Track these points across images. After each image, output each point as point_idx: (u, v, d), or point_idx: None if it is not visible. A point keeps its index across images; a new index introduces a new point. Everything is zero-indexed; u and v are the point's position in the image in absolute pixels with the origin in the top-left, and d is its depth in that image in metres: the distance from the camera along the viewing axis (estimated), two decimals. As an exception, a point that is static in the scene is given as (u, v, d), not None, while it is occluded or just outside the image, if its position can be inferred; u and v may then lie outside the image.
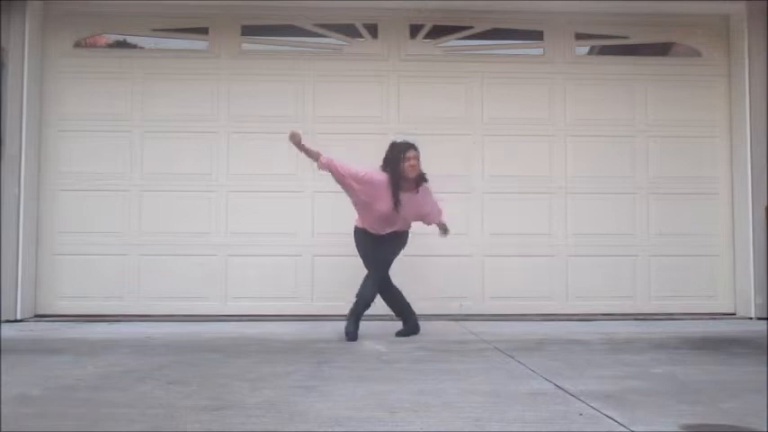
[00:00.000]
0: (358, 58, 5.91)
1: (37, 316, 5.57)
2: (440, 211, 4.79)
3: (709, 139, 5.98)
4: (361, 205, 4.58)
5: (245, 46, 5.94)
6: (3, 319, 5.24)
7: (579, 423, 2.38)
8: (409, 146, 4.56)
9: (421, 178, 4.58)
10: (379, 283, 4.60)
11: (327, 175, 4.52)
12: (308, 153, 4.50)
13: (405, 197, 4.51)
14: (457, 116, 5.88)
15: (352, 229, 4.65)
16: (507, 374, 3.27)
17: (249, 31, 5.96)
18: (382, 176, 4.51)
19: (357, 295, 4.56)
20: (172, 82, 5.79)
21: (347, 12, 5.88)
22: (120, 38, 6.06)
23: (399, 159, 4.51)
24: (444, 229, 4.83)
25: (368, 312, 4.59)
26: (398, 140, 4.64)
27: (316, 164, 4.51)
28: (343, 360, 3.68)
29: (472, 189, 5.85)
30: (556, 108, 5.94)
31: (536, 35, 6.03)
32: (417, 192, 4.57)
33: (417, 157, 4.54)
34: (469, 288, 5.79)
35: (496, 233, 5.84)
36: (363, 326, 4.55)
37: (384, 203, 4.49)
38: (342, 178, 4.49)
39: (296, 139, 4.45)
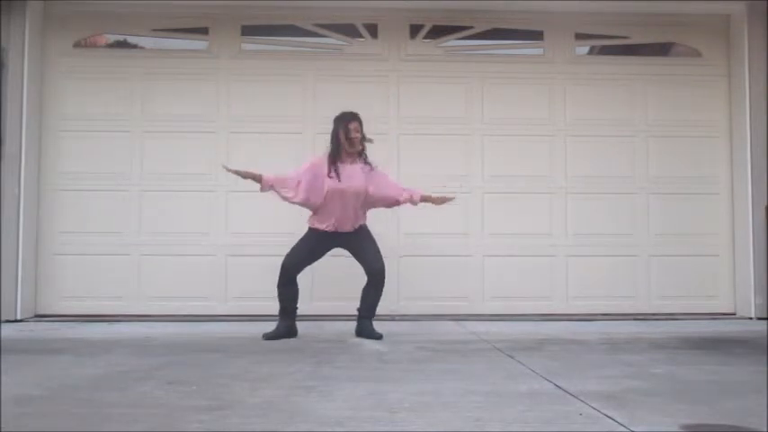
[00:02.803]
0: (358, 58, 5.91)
1: (37, 316, 5.57)
2: (403, 189, 4.53)
3: (709, 139, 5.98)
4: (319, 206, 4.42)
5: (245, 46, 5.94)
6: (3, 319, 5.25)
7: (579, 423, 2.38)
8: (353, 116, 4.41)
9: (364, 155, 4.44)
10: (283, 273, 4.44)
11: None
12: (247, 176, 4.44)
13: (347, 169, 4.37)
14: (457, 116, 5.88)
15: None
16: (507, 374, 3.27)
17: (249, 31, 5.96)
18: (321, 157, 4.43)
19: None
20: (172, 82, 5.79)
21: (347, 12, 5.88)
22: (120, 38, 6.05)
23: (340, 130, 4.39)
24: (436, 200, 4.54)
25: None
26: (344, 111, 4.52)
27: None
28: (343, 360, 3.68)
29: (472, 189, 5.85)
30: (556, 108, 5.94)
31: (536, 35, 6.03)
32: (365, 168, 4.43)
33: (359, 130, 4.39)
34: (469, 288, 5.79)
35: (496, 233, 5.84)
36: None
37: (331, 182, 4.34)
38: (292, 199, 4.41)
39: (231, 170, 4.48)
